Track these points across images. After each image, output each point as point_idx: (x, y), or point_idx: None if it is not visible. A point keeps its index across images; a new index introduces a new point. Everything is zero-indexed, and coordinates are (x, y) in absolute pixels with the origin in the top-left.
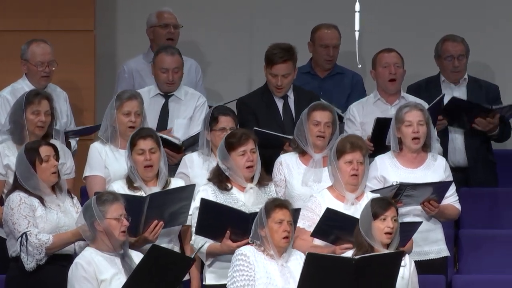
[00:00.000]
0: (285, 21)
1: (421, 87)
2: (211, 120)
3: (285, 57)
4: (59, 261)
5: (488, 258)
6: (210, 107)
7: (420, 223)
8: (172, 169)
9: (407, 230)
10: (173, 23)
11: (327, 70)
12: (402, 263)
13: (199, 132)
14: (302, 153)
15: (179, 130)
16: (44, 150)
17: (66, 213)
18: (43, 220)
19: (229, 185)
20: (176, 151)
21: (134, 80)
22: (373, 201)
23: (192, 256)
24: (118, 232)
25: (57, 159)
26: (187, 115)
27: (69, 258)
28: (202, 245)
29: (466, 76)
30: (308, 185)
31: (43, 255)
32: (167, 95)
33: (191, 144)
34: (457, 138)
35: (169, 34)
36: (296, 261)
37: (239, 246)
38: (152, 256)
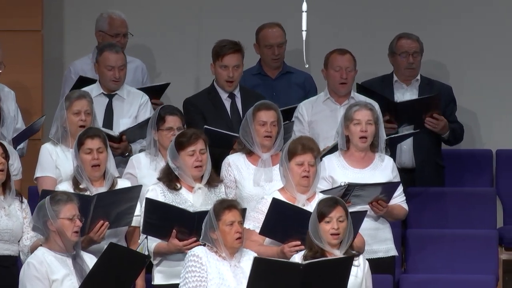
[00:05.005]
0: (232, 21)
1: (374, 85)
2: (158, 120)
3: (234, 48)
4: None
5: (435, 258)
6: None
7: (365, 212)
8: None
9: (353, 220)
10: (123, 32)
11: (277, 69)
12: (356, 263)
13: (140, 123)
14: (249, 153)
15: None
16: None
17: (10, 217)
18: None
19: (178, 185)
20: (117, 142)
21: None
22: (320, 202)
23: (146, 253)
24: (70, 232)
25: (6, 157)
26: (132, 114)
27: (12, 260)
28: (145, 242)
29: (418, 77)
30: (260, 185)
31: None
32: (110, 95)
33: (134, 134)
34: (406, 140)
35: (118, 43)
36: (249, 261)
37: (185, 245)
38: (110, 255)
